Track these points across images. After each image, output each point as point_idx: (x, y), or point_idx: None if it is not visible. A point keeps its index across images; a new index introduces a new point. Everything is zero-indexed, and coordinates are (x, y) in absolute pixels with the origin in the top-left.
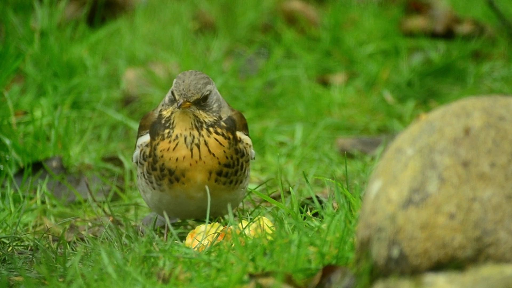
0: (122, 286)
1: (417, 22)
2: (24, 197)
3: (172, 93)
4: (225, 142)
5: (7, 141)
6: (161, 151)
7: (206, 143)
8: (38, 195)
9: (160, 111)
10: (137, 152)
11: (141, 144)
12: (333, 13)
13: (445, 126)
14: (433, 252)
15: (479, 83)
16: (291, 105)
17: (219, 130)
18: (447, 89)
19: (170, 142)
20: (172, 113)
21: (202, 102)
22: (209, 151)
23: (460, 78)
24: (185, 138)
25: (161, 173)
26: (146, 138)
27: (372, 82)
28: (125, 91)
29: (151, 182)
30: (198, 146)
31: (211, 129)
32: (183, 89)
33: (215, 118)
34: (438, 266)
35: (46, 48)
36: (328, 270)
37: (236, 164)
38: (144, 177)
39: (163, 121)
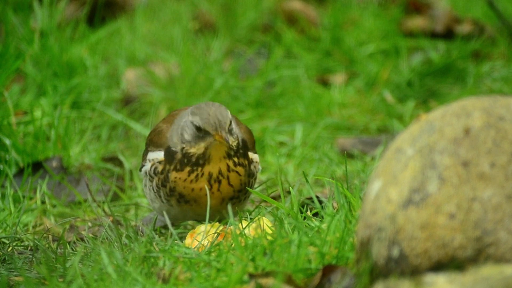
0: (122, 286)
1: (417, 22)
2: (24, 197)
3: (199, 128)
4: (242, 171)
5: (7, 141)
6: (175, 177)
7: (228, 177)
8: (38, 195)
9: (184, 149)
10: (147, 166)
11: (153, 159)
12: (333, 13)
13: (445, 126)
14: (433, 252)
15: (479, 83)
16: (291, 105)
17: (241, 161)
18: (447, 89)
19: (189, 175)
20: (206, 149)
21: (230, 128)
22: (229, 183)
23: (460, 78)
24: (211, 176)
25: (171, 192)
26: (159, 155)
27: (372, 82)
28: (125, 91)
29: (160, 196)
30: (220, 181)
31: (235, 159)
32: (214, 122)
33: (238, 141)
34: (438, 266)
35: (46, 48)
36: (328, 270)
37: (247, 185)
38: (153, 190)
39: (193, 159)
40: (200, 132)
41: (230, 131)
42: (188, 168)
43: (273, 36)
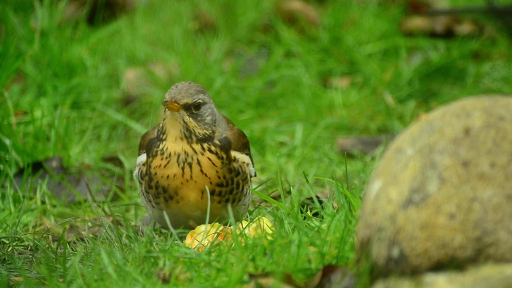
0: (122, 286)
1: (417, 22)
2: (24, 197)
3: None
4: (218, 162)
5: (7, 141)
6: (154, 168)
7: (199, 162)
8: (38, 195)
9: (159, 126)
10: (136, 170)
11: (139, 163)
12: (333, 13)
13: (445, 126)
14: (433, 252)
15: (479, 83)
16: (291, 105)
17: (213, 148)
18: (447, 89)
19: (162, 159)
20: (164, 119)
21: (194, 110)
22: (201, 171)
23: (460, 78)
24: (178, 156)
25: (156, 191)
26: (143, 157)
27: (372, 82)
28: (125, 91)
29: (150, 201)
30: (190, 165)
31: (205, 145)
32: (174, 93)
33: (207, 132)
34: (438, 266)
35: (46, 48)
36: (328, 270)
37: (231, 183)
38: (143, 195)
39: (158, 133)
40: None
41: (193, 109)
42: (159, 149)
43: (273, 36)
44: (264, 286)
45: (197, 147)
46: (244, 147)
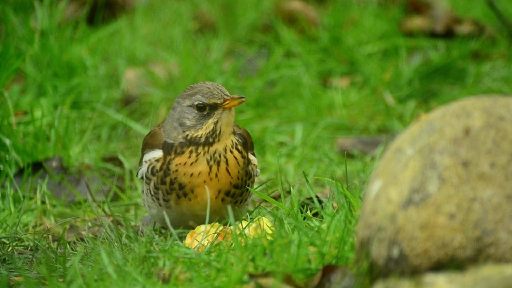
0: (122, 286)
1: (417, 22)
2: (24, 197)
3: (203, 107)
4: (241, 161)
5: (7, 141)
6: (176, 165)
7: (226, 160)
8: (38, 195)
9: (189, 135)
10: (144, 167)
11: (149, 159)
12: (333, 13)
13: (445, 126)
14: (433, 252)
15: (479, 83)
16: (291, 105)
17: (239, 147)
18: (447, 89)
19: (190, 157)
20: (215, 123)
21: None
22: (227, 169)
23: (460, 78)
24: (213, 154)
25: (170, 186)
26: (156, 153)
27: (372, 82)
28: (125, 91)
29: (158, 199)
30: (218, 162)
31: (233, 141)
32: (218, 93)
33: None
34: (438, 266)
35: (46, 48)
36: (328, 270)
37: (244, 185)
38: (151, 193)
39: (202, 140)
40: (204, 110)
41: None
42: (189, 149)
43: (273, 36)
44: (264, 286)
45: (234, 139)
46: (252, 146)
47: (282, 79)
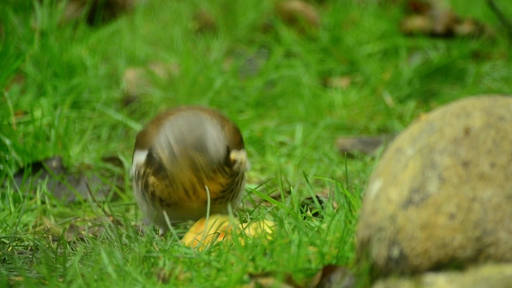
0: (122, 286)
1: (417, 22)
2: (24, 197)
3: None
4: (223, 180)
5: (7, 141)
6: (153, 182)
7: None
8: (38, 195)
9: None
10: (133, 169)
11: (137, 163)
12: (333, 13)
13: (445, 126)
14: (433, 252)
15: (479, 83)
16: (291, 105)
17: (224, 168)
18: (447, 89)
19: (166, 186)
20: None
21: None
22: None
23: (460, 78)
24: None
25: (152, 197)
26: (142, 158)
27: (372, 82)
28: (125, 91)
29: (146, 201)
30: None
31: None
32: (190, 166)
33: (233, 177)
34: (438, 266)
35: (46, 48)
36: (328, 270)
37: (232, 185)
38: (140, 193)
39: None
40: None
41: (224, 165)
42: (162, 175)
43: (273, 36)
44: (264, 286)
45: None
46: (240, 141)
47: (282, 79)
